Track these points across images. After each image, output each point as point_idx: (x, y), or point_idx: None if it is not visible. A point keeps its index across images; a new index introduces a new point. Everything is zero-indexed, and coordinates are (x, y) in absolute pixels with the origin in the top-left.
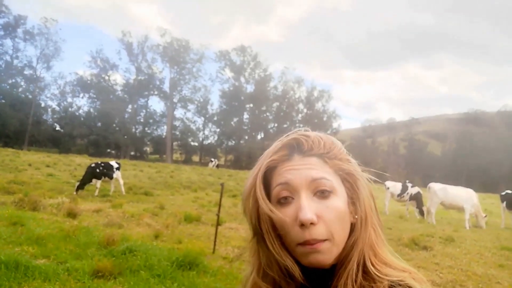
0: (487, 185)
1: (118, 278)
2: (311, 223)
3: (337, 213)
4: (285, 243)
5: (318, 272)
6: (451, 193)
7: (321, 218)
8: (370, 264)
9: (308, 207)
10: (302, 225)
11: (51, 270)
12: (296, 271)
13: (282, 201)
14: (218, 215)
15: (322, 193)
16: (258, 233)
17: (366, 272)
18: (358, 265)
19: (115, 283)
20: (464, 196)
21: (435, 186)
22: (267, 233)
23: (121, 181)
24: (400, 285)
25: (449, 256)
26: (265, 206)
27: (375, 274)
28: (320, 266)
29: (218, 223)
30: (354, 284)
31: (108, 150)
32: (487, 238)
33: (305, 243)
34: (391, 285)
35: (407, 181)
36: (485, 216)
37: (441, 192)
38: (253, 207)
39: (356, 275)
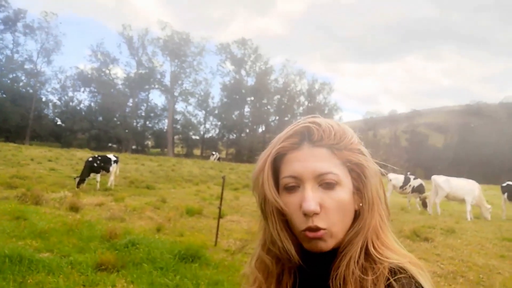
0: (489, 177)
1: (121, 271)
2: (315, 213)
3: (340, 204)
4: (290, 226)
5: (321, 253)
6: (454, 185)
7: (324, 208)
8: (371, 247)
9: (312, 198)
10: (305, 214)
11: (55, 264)
12: (293, 254)
13: (289, 188)
14: (219, 208)
15: (327, 185)
16: (263, 212)
17: (367, 254)
18: (361, 249)
19: (118, 276)
20: (467, 188)
21: (439, 178)
22: (270, 215)
23: (112, 177)
24: (399, 271)
25: (450, 247)
26: (270, 194)
27: (376, 256)
28: (320, 251)
29: (220, 216)
30: (356, 265)
31: (110, 144)
32: (488, 229)
33: (307, 229)
34: (391, 268)
35: (408, 173)
36: (490, 208)
37: (445, 184)
38: (261, 189)
39: (358, 257)
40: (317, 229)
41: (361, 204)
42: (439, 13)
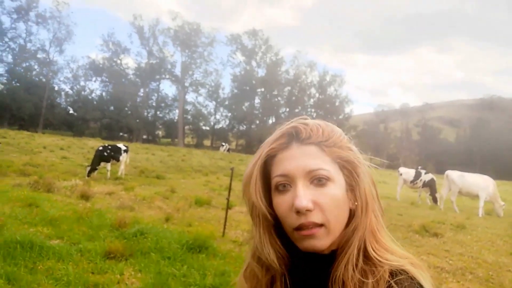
0: (502, 172)
1: (129, 260)
2: (307, 210)
3: (333, 200)
4: (284, 228)
5: (318, 257)
6: (469, 180)
7: (317, 204)
8: (371, 249)
9: (304, 195)
10: (298, 212)
11: (65, 251)
12: (272, 259)
13: (281, 188)
14: (228, 199)
15: (319, 181)
16: (252, 218)
17: (367, 257)
18: (358, 250)
19: (126, 265)
20: (481, 183)
21: (453, 173)
22: (256, 218)
23: (122, 166)
24: (400, 273)
25: (460, 243)
26: (255, 196)
27: (376, 258)
28: (315, 251)
29: (228, 207)
30: (355, 268)
31: (121, 134)
32: (499, 226)
33: (301, 226)
34: (392, 271)
35: (419, 167)
36: (503, 205)
37: (459, 179)
38: (248, 193)
39: (357, 260)
40: (311, 225)
41: (356, 203)
42: (452, 5)
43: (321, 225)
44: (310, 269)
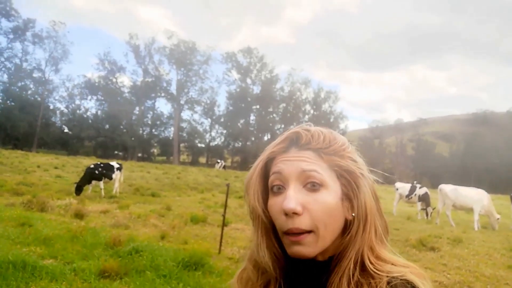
0: (496, 186)
1: (124, 278)
2: (295, 213)
3: (324, 207)
4: (277, 231)
5: (313, 264)
6: (462, 194)
7: (307, 210)
8: (368, 261)
9: (293, 197)
10: (286, 214)
11: (58, 270)
12: (267, 263)
13: (275, 190)
14: (224, 216)
15: (312, 186)
16: (252, 220)
17: (364, 270)
18: (355, 264)
19: (121, 283)
20: (475, 197)
21: (446, 187)
22: (256, 220)
23: (117, 184)
24: (399, 279)
25: (457, 257)
26: (253, 198)
27: (373, 270)
28: (302, 257)
29: (224, 224)
30: (351, 280)
31: (116, 152)
32: (496, 239)
33: (288, 231)
34: (390, 279)
35: (415, 182)
36: (498, 218)
37: (452, 193)
38: (248, 194)
39: (353, 273)
40: (299, 232)
41: (353, 214)
42: (445, 22)
43: (309, 232)
44: (305, 275)
